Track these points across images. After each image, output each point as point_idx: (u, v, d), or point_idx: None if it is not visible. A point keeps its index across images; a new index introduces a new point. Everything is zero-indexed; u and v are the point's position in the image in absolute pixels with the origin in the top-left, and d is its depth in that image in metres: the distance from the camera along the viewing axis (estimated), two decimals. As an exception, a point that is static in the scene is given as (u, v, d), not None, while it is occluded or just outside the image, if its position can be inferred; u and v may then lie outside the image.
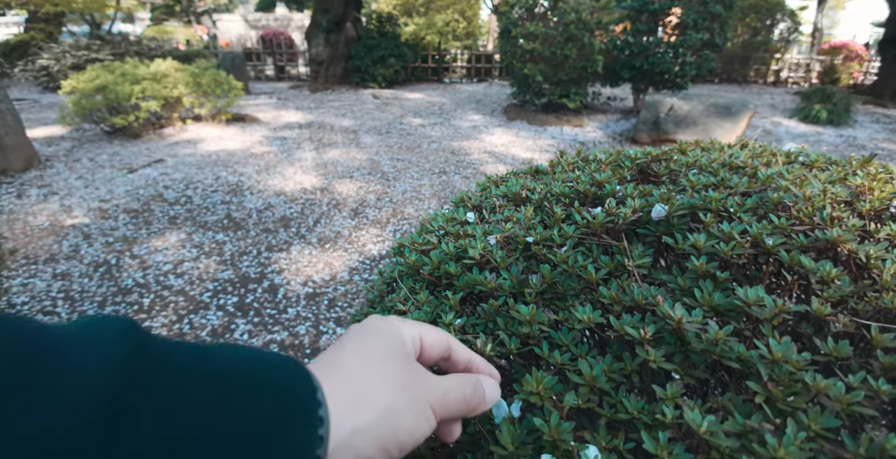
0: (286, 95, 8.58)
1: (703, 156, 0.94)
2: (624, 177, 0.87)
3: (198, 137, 5.58)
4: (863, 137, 6.36)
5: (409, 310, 0.63)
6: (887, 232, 0.57)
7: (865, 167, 0.85)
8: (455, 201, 1.03)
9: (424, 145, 5.73)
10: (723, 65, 9.55)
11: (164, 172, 4.49)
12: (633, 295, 0.52)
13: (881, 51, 9.45)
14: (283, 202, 3.90)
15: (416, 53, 9.84)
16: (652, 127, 5.39)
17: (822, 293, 0.50)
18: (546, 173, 1.10)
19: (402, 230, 3.47)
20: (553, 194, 0.84)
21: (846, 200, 0.65)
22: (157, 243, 3.22)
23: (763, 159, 0.86)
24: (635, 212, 0.67)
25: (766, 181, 0.73)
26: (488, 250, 0.67)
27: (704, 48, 5.71)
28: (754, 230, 0.57)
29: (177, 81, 5.47)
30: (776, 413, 0.38)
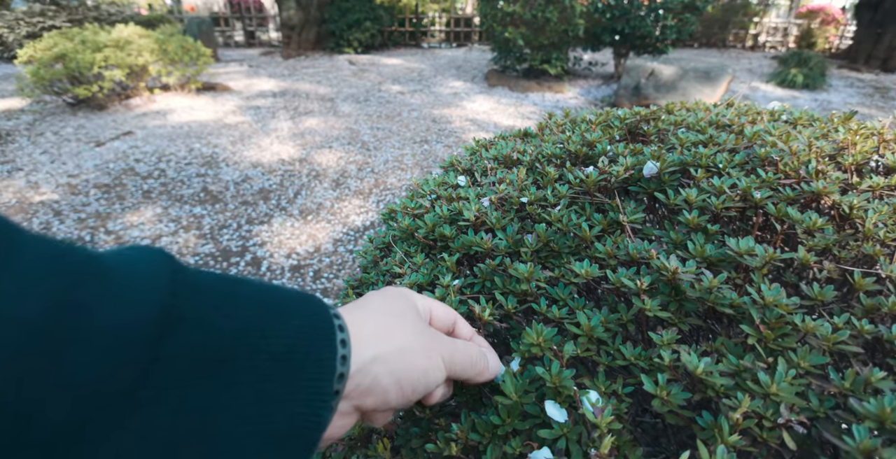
0: (258, 62, 8.22)
1: (690, 116, 0.94)
2: (613, 136, 0.87)
3: (167, 108, 5.35)
4: (837, 101, 6.47)
5: (405, 273, 0.63)
6: (869, 184, 0.59)
7: (846, 124, 0.87)
8: (444, 166, 1.02)
9: (405, 113, 5.61)
10: (702, 29, 9.48)
11: (133, 145, 4.31)
12: (628, 250, 0.53)
13: (857, 15, 9.47)
14: (261, 174, 3.81)
15: (392, 17, 9.47)
16: (633, 92, 5.37)
17: (807, 242, 0.52)
18: (535, 136, 1.09)
19: (386, 200, 3.44)
20: (544, 155, 0.83)
21: (830, 155, 0.66)
22: (133, 218, 3.13)
23: (749, 117, 0.87)
24: (627, 170, 0.67)
25: (752, 137, 0.74)
26: (483, 211, 0.67)
27: (685, 11, 5.64)
28: (743, 184, 0.58)
29: (141, 48, 5.17)
30: (767, 353, 0.40)
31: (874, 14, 8.86)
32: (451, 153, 4.40)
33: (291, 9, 8.30)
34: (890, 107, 6.36)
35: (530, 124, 5.23)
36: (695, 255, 0.51)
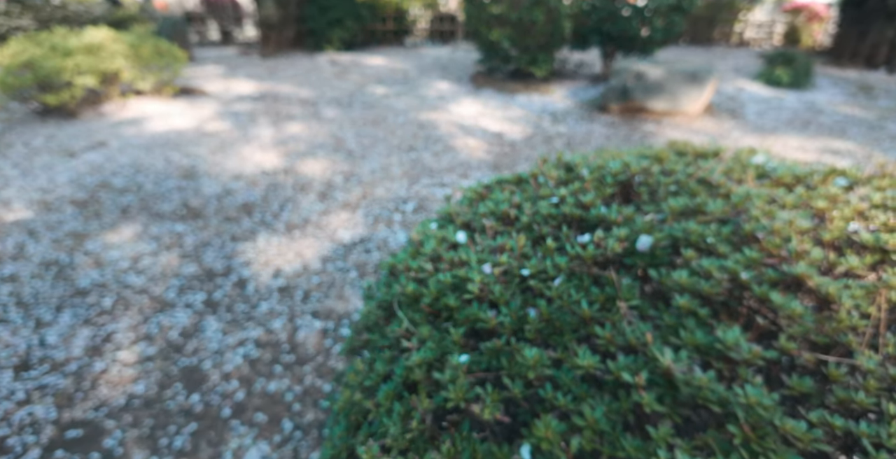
0: (235, 62, 8.03)
1: (681, 168, 0.93)
2: (606, 194, 0.85)
3: (142, 115, 5.19)
4: (822, 101, 6.58)
5: (413, 347, 0.61)
6: (846, 267, 0.59)
7: (827, 181, 0.87)
8: (442, 215, 0.99)
9: (390, 118, 5.54)
10: (689, 26, 9.55)
11: (108, 156, 4.18)
12: (626, 335, 0.52)
13: (841, 12, 9.63)
14: (244, 186, 3.72)
15: (374, 14, 9.32)
16: (621, 95, 5.39)
17: (788, 328, 0.52)
18: (528, 182, 1.07)
19: (374, 213, 3.40)
20: (541, 215, 0.81)
21: (810, 229, 0.66)
22: (111, 237, 3.04)
23: (735, 175, 0.86)
24: (622, 242, 0.66)
25: (739, 204, 0.73)
26: (486, 282, 0.65)
27: (672, 13, 5.66)
28: (730, 264, 0.57)
29: (114, 53, 5.00)
30: (751, 453, 0.42)
31: (858, 12, 9.03)
32: (439, 161, 4.36)
33: (269, 7, 8.11)
34: (873, 107, 6.49)
35: (519, 129, 5.21)
36: (686, 343, 0.50)
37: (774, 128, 5.30)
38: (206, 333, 2.29)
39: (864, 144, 4.92)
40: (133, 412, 1.90)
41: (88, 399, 1.95)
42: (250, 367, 2.11)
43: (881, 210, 0.75)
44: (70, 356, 2.15)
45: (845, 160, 4.46)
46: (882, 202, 0.78)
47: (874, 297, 0.54)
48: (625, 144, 4.74)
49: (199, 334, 2.29)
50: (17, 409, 1.90)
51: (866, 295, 0.55)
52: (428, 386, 0.57)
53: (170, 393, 1.97)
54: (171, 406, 1.92)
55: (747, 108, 6.01)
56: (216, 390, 1.99)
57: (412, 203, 3.58)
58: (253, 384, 2.02)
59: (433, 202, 3.59)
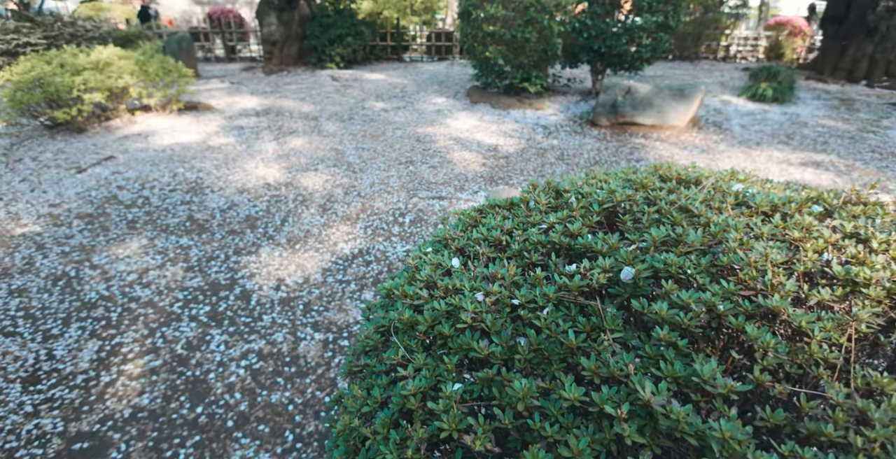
0: (239, 78, 8.19)
1: (663, 195, 1.02)
2: (593, 222, 0.94)
3: (149, 130, 5.30)
4: (805, 114, 6.73)
5: (410, 376, 0.69)
6: (817, 300, 0.67)
7: (803, 209, 0.96)
8: (438, 238, 1.08)
9: (389, 132, 5.66)
10: (676, 42, 9.77)
11: (116, 171, 4.28)
12: (610, 367, 0.59)
13: (822, 27, 9.87)
14: (248, 200, 3.81)
15: (374, 32, 9.53)
16: (610, 110, 5.52)
17: (762, 360, 0.59)
18: (520, 206, 1.16)
19: (373, 226, 3.48)
20: (531, 243, 0.90)
21: (784, 261, 0.74)
22: (118, 251, 3.12)
23: (715, 204, 0.95)
24: (606, 272, 0.74)
25: (717, 234, 0.82)
26: (478, 311, 0.73)
27: (659, 30, 5.83)
28: (708, 296, 0.65)
29: (121, 70, 5.13)
30: None
31: (839, 27, 9.26)
32: (437, 174, 4.46)
33: (273, 24, 8.29)
34: (854, 119, 6.64)
35: (513, 143, 5.33)
36: (666, 375, 0.57)
37: (759, 142, 5.42)
38: (210, 345, 2.36)
39: (846, 156, 5.04)
40: (138, 424, 1.95)
41: (95, 412, 2.00)
42: (253, 379, 2.17)
43: (853, 240, 0.82)
44: (77, 369, 2.22)
45: (828, 173, 4.57)
46: (854, 231, 0.86)
47: (845, 328, 0.60)
48: (614, 158, 4.86)
49: (204, 346, 2.35)
50: (25, 422, 1.95)
51: (837, 327, 0.61)
52: (423, 415, 0.60)
53: (174, 406, 2.04)
54: (176, 418, 1.98)
55: (733, 122, 6.14)
56: (220, 402, 2.06)
57: (410, 215, 3.67)
58: (255, 396, 2.09)
59: (430, 214, 3.68)
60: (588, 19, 5.82)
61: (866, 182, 4.40)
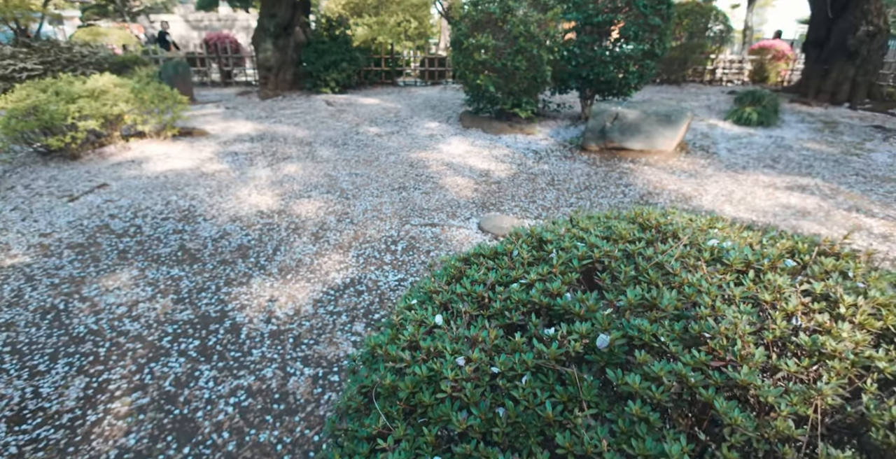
0: (235, 103, 8.28)
1: (640, 248, 1.05)
2: (572, 280, 0.96)
3: (143, 156, 5.34)
4: (790, 138, 6.89)
5: (389, 449, 0.70)
6: (785, 372, 0.69)
7: (776, 264, 0.99)
8: (424, 291, 1.10)
9: (382, 157, 5.72)
10: (663, 67, 10.04)
11: (108, 199, 4.28)
12: (584, 444, 0.61)
13: (805, 51, 10.19)
14: (240, 228, 3.82)
15: (368, 57, 9.72)
16: (599, 135, 5.63)
17: (730, 437, 0.61)
18: (504, 256, 1.18)
19: (366, 254, 3.50)
20: (513, 301, 0.92)
21: (754, 331, 0.76)
22: (108, 282, 3.10)
23: (690, 260, 0.98)
24: (583, 339, 0.76)
25: (691, 296, 0.84)
26: (458, 379, 0.74)
27: (646, 58, 5.99)
28: (680, 367, 0.67)
29: (117, 98, 5.19)
30: None
31: (820, 51, 9.57)
32: (429, 200, 4.50)
33: (268, 50, 8.44)
34: (838, 142, 6.80)
35: (504, 168, 5.41)
36: (637, 453, 0.59)
37: (746, 166, 5.53)
38: (198, 382, 2.33)
39: (831, 180, 5.14)
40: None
41: (80, 454, 1.97)
42: (241, 417, 2.15)
43: (822, 303, 0.84)
44: (63, 407, 2.18)
45: (813, 197, 4.65)
46: (824, 292, 0.88)
47: (812, 401, 0.62)
48: (604, 183, 4.93)
49: (192, 383, 2.33)
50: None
51: (804, 401, 0.62)
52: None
53: (161, 446, 2.00)
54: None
55: (720, 146, 6.27)
56: (207, 442, 2.03)
57: (402, 243, 3.69)
58: (244, 435, 2.06)
59: (423, 242, 3.70)
60: (576, 48, 5.99)
61: (851, 206, 4.48)
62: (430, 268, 1.03)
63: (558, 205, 4.47)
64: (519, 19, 5.50)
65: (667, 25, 5.90)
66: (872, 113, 8.90)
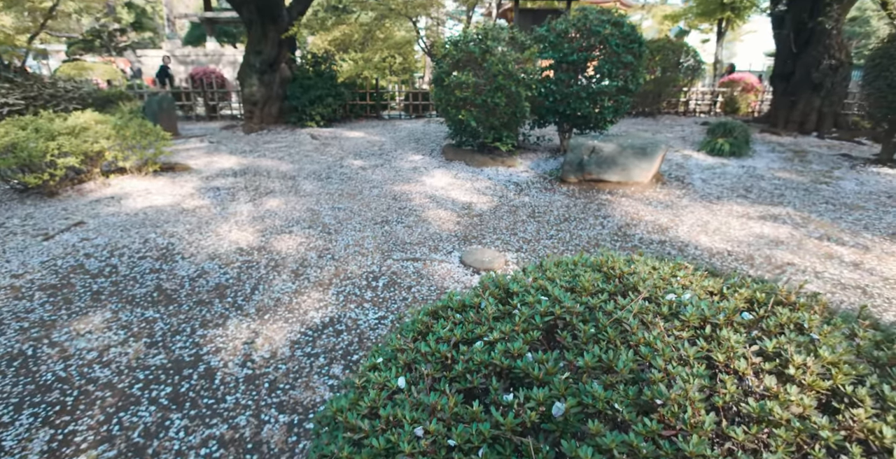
0: (219, 137, 8.33)
1: (601, 302, 1.07)
2: (535, 338, 0.98)
3: (122, 192, 5.30)
4: (761, 167, 7.13)
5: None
6: (732, 441, 0.70)
7: (733, 319, 1.01)
8: (390, 348, 1.10)
9: (366, 191, 5.77)
10: (638, 99, 10.43)
11: (85, 237, 4.22)
12: None
13: (772, 84, 10.69)
14: (218, 267, 3.78)
15: (354, 92, 9.93)
16: (577, 168, 5.77)
17: None
18: (471, 309, 1.19)
19: (346, 291, 3.47)
20: (475, 363, 0.93)
21: (704, 398, 0.78)
22: (80, 326, 3.02)
23: (648, 317, 1.01)
24: (540, 406, 0.77)
25: (647, 357, 0.86)
26: (415, 452, 0.74)
27: (620, 93, 6.23)
28: (631, 438, 0.68)
29: (98, 135, 5.19)
30: None
31: (787, 84, 10.04)
32: (411, 234, 4.52)
33: (254, 85, 8.58)
34: (808, 171, 7.05)
35: (486, 200, 5.48)
36: None
37: (720, 196, 5.69)
38: (169, 432, 2.25)
39: (802, 209, 5.31)
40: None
41: (38, 516, 1.87)
42: (212, 470, 2.07)
43: (773, 362, 0.86)
44: (23, 464, 2.08)
45: (785, 226, 4.77)
46: (776, 350, 0.91)
47: None
48: (583, 214, 5.02)
49: (162, 433, 2.25)
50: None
51: None
52: None
53: (126, 505, 1.91)
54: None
55: (694, 176, 6.46)
56: (175, 498, 1.94)
57: (384, 279, 3.67)
58: (214, 490, 1.98)
59: (404, 277, 3.70)
60: (553, 85, 6.21)
61: (822, 234, 4.61)
62: (398, 321, 1.03)
63: (539, 237, 4.52)
64: (497, 58, 5.71)
65: (639, 63, 6.17)
66: (839, 141, 9.29)
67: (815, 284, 3.61)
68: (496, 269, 3.84)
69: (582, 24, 5.97)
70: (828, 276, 3.76)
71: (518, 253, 4.17)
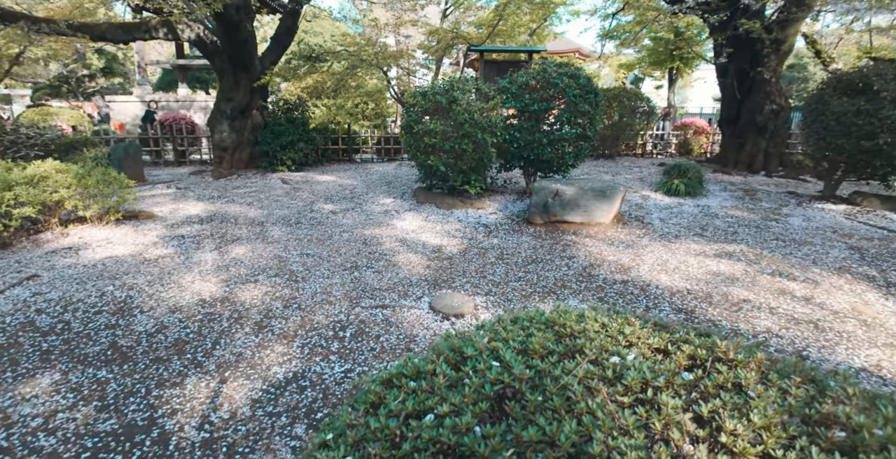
0: (187, 183, 8.26)
1: (549, 366, 1.11)
2: (484, 410, 1.00)
3: (81, 242, 5.14)
4: (715, 206, 7.50)
5: None
6: None
7: (673, 380, 1.06)
8: (341, 423, 1.10)
9: (336, 235, 5.77)
10: (599, 142, 10.98)
11: (37, 291, 4.04)
12: None
13: (720, 127, 11.45)
14: (179, 321, 3.66)
15: (326, 137, 10.10)
16: (542, 210, 5.96)
17: None
18: (425, 377, 1.21)
19: (312, 343, 3.40)
20: (423, 440, 0.94)
21: None
22: (26, 389, 2.84)
23: (593, 382, 1.05)
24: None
25: (589, 427, 0.90)
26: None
27: (579, 140, 6.57)
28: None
29: (58, 184, 5.08)
30: None
31: (734, 127, 10.77)
32: (381, 279, 4.51)
33: (224, 132, 8.63)
34: (758, 209, 7.45)
35: (456, 243, 5.56)
36: None
37: (678, 234, 5.94)
38: (115, 508, 2.10)
39: (754, 246, 5.58)
40: None
41: None
42: None
43: (706, 429, 0.91)
44: None
45: (740, 263, 4.99)
46: (711, 414, 0.96)
47: None
48: (549, 256, 5.13)
49: (107, 510, 2.09)
50: None
51: None
52: None
53: None
54: None
55: (653, 216, 6.74)
56: None
57: (352, 328, 3.62)
58: None
59: (373, 326, 3.65)
60: (517, 132, 6.51)
61: (774, 270, 4.83)
62: (355, 386, 1.02)
63: (507, 279, 4.58)
64: (463, 108, 5.98)
65: (595, 111, 6.55)
66: (786, 179, 9.92)
67: (770, 320, 3.76)
68: (465, 314, 3.86)
69: (541, 76, 6.36)
70: (781, 312, 3.91)
71: (487, 297, 4.20)
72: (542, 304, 4.02)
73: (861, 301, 4.11)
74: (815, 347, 3.35)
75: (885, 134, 6.42)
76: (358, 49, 9.93)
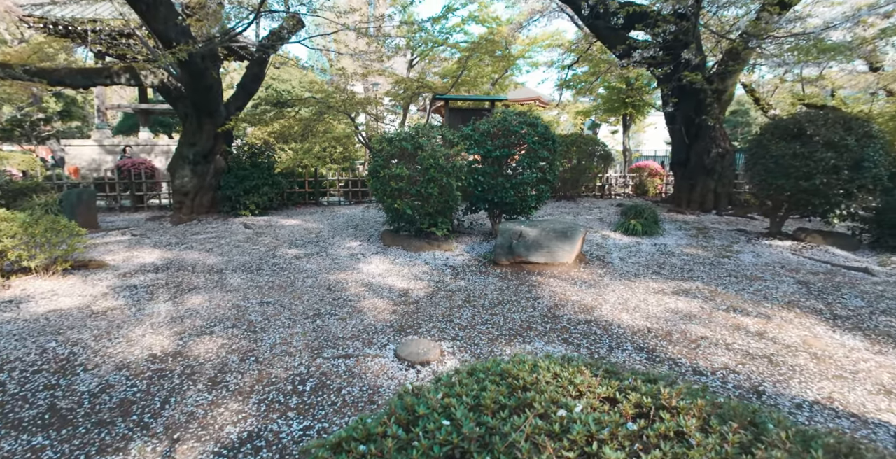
0: (143, 229, 8.00)
1: (500, 422, 1.12)
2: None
3: (24, 295, 4.84)
4: (671, 244, 7.81)
5: None
6: None
7: (617, 433, 1.08)
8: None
9: (299, 281, 5.65)
10: (560, 184, 11.43)
11: (-34, 351, 3.73)
12: None
13: (672, 169, 12.14)
14: (126, 378, 3.44)
15: (292, 181, 10.09)
16: (507, 251, 6.06)
17: None
18: (376, 439, 1.19)
19: (269, 399, 3.24)
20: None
21: None
22: (-59, 466, 2.56)
23: (540, 438, 1.06)
24: None
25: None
26: None
27: (540, 183, 6.83)
28: None
29: (2, 234, 4.83)
30: None
31: (685, 169, 11.44)
32: (345, 327, 4.40)
33: (186, 177, 8.51)
34: (711, 246, 7.79)
35: (423, 286, 5.53)
36: None
37: (637, 273, 6.12)
38: None
39: (709, 283, 5.80)
40: None
41: None
42: None
43: None
44: None
45: (696, 300, 5.16)
46: None
47: None
48: (515, 297, 5.18)
49: None
50: None
51: None
52: None
53: None
54: None
55: (613, 255, 6.96)
56: None
57: (312, 381, 3.48)
58: None
59: (335, 378, 3.52)
60: (481, 176, 6.72)
61: (728, 306, 5.00)
62: (304, 454, 0.99)
63: (474, 322, 4.56)
64: (429, 153, 6.15)
65: (554, 156, 6.87)
66: (735, 217, 10.49)
67: (727, 356, 3.86)
68: (431, 361, 3.79)
69: (502, 124, 6.67)
70: (737, 347, 4.03)
71: (454, 342, 4.16)
72: (509, 347, 4.01)
73: (811, 334, 4.30)
74: (770, 382, 3.44)
75: (821, 175, 6.96)
76: (326, 96, 10.17)
